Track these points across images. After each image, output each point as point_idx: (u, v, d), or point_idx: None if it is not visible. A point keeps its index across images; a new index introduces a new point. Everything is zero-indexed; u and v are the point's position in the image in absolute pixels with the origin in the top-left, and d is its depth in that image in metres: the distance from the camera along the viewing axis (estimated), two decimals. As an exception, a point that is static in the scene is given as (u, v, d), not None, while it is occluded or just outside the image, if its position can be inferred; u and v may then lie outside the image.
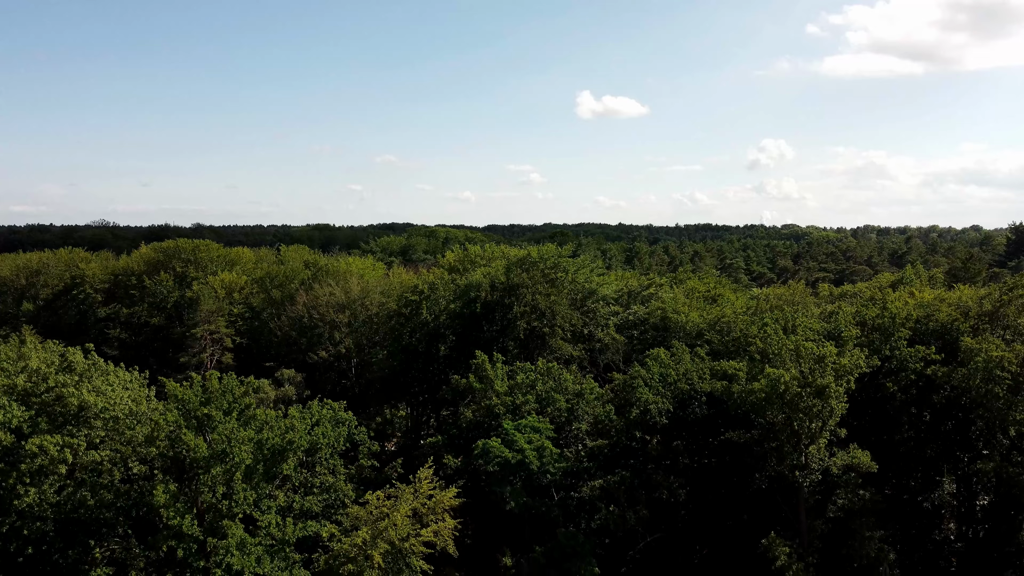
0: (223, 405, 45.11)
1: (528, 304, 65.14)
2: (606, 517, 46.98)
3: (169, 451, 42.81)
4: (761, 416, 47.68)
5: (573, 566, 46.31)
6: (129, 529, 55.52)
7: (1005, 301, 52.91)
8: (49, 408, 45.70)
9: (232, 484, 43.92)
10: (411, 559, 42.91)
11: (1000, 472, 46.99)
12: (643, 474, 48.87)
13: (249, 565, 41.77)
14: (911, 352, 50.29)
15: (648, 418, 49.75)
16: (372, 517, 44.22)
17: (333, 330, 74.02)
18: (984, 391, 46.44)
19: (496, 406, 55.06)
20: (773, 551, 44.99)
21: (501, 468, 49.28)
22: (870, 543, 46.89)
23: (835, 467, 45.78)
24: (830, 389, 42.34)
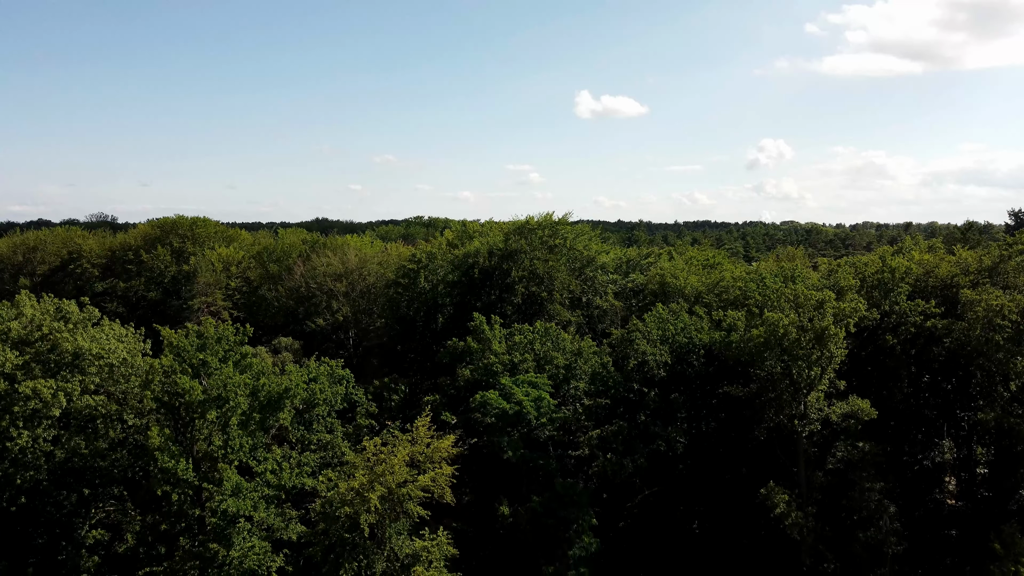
0: (219, 352, 44.84)
1: (526, 269, 64.86)
2: (604, 464, 46.65)
3: (164, 396, 42.45)
4: (760, 367, 47.45)
5: (571, 514, 46.02)
6: (125, 491, 55.29)
7: (1005, 256, 52.70)
8: (43, 357, 45.41)
9: (228, 430, 43.63)
10: (408, 504, 42.55)
11: (1001, 423, 46.69)
12: (641, 425, 48.55)
13: (245, 508, 41.41)
14: (911, 306, 50.06)
15: (646, 370, 49.45)
16: (369, 464, 43.87)
17: (330, 299, 73.75)
18: (984, 340, 46.19)
19: (494, 364, 54.75)
20: (772, 499, 44.75)
21: (499, 419, 49.03)
22: (870, 494, 46.64)
23: (835, 415, 45.51)
24: (829, 332, 42.07)
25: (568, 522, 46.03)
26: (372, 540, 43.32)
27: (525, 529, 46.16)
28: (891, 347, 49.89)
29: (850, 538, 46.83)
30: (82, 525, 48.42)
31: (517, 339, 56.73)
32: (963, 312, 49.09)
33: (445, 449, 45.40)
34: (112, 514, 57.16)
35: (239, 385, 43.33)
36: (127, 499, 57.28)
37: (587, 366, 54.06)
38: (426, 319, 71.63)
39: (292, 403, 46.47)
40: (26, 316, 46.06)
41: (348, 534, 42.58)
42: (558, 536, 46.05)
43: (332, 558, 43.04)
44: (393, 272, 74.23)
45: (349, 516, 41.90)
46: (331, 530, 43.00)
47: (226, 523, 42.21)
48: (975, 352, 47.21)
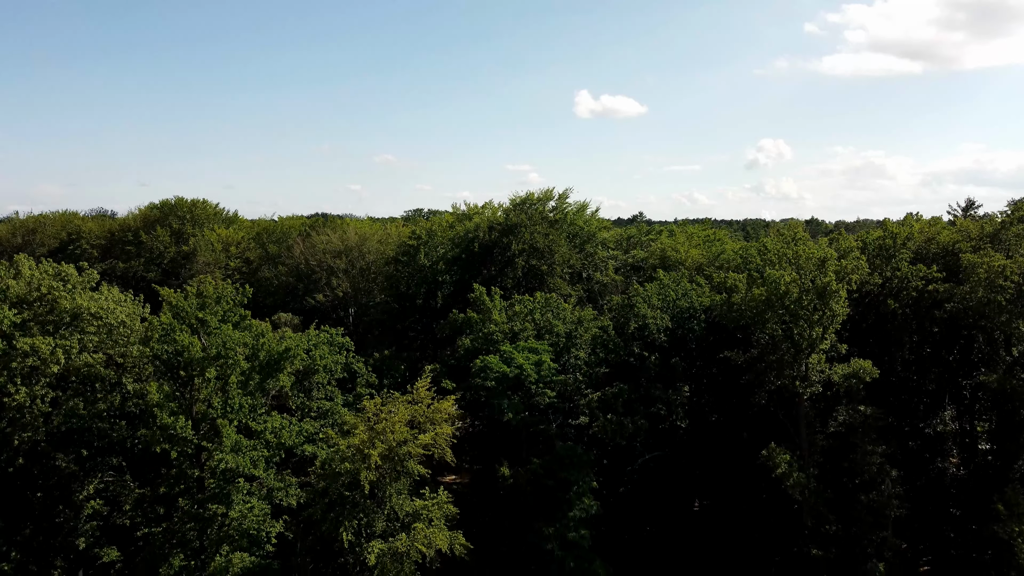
0: (218, 313, 44.62)
1: (527, 243, 64.69)
2: (604, 424, 46.42)
3: (163, 353, 42.17)
4: (761, 329, 47.29)
5: (571, 476, 45.80)
6: (123, 462, 55.01)
7: (1007, 223, 52.55)
8: (41, 318, 45.20)
9: (227, 389, 43.40)
10: (409, 463, 42.30)
11: (1003, 386, 46.48)
12: (641, 388, 48.35)
13: (244, 465, 41.15)
14: (913, 271, 49.90)
15: (646, 334, 49.27)
16: (369, 423, 43.61)
17: (330, 276, 73.50)
18: (986, 302, 46.00)
19: (494, 333, 54.57)
20: (774, 459, 44.58)
21: (499, 383, 48.82)
22: (871, 458, 46.42)
23: (836, 376, 45.32)
24: (831, 288, 41.89)
25: (568, 484, 45.81)
26: (372, 499, 43.09)
27: (525, 491, 45.94)
28: (893, 312, 49.72)
29: (852, 500, 46.63)
30: (80, 489, 48.20)
31: (517, 309, 56.56)
32: (965, 277, 48.94)
33: (445, 410, 45.21)
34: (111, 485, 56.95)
35: (239, 343, 43.12)
36: (125, 470, 57.05)
37: (588, 335, 53.91)
38: (426, 296, 71.45)
39: (292, 365, 46.19)
40: (24, 276, 45.85)
41: (348, 492, 42.37)
42: (558, 498, 45.82)
43: (332, 516, 42.81)
44: (393, 250, 74.04)
45: (349, 472, 41.66)
46: (331, 488, 42.77)
47: (225, 481, 41.97)
48: (977, 314, 47.01)
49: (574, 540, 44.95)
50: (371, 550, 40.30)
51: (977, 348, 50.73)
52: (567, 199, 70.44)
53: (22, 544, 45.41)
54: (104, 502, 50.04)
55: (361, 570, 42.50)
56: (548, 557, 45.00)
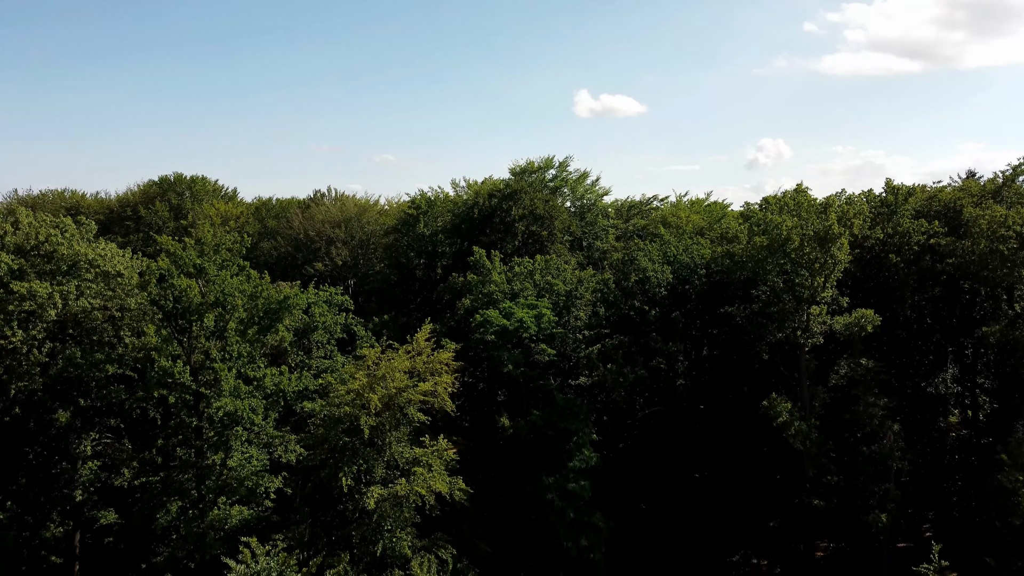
0: (217, 261, 44.34)
1: (527, 208, 64.44)
2: (604, 375, 46.18)
3: (160, 298, 41.83)
4: (763, 280, 47.11)
5: (571, 426, 45.57)
6: (121, 423, 54.71)
7: (1009, 179, 52.41)
8: (39, 267, 44.98)
9: (226, 336, 43.08)
10: (409, 410, 42.06)
11: (1006, 337, 46.25)
12: (641, 341, 48.13)
13: (243, 410, 40.83)
14: (915, 225, 49.71)
15: (647, 288, 49.05)
16: (369, 371, 43.35)
17: (329, 245, 73.34)
18: (989, 252, 45.80)
19: (494, 293, 54.28)
20: (775, 408, 44.37)
21: (499, 336, 48.58)
22: (873, 410, 46.18)
23: (838, 325, 45.10)
24: (833, 232, 41.69)
25: (568, 434, 45.58)
26: (371, 447, 42.86)
27: (525, 441, 45.69)
28: (894, 266, 49.50)
29: (853, 453, 46.44)
30: (78, 443, 47.88)
31: (517, 270, 56.23)
32: (967, 230, 48.78)
33: (446, 361, 44.97)
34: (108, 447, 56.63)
35: (237, 289, 42.86)
36: (124, 433, 56.75)
37: (589, 294, 53.59)
38: (426, 267, 71.20)
39: (291, 316, 45.89)
40: (24, 227, 45.62)
41: (347, 438, 42.16)
42: (558, 448, 45.60)
43: (331, 462, 42.59)
44: (393, 220, 73.84)
45: (348, 417, 41.45)
46: (330, 435, 42.58)
47: (224, 427, 41.64)
48: (980, 266, 46.75)
49: (574, 491, 44.69)
50: (370, 495, 40.07)
51: (979, 304, 50.49)
52: (567, 168, 70.31)
53: (17, 494, 45.12)
54: (101, 466, 49.80)
55: (360, 516, 42.27)
56: (548, 507, 44.77)
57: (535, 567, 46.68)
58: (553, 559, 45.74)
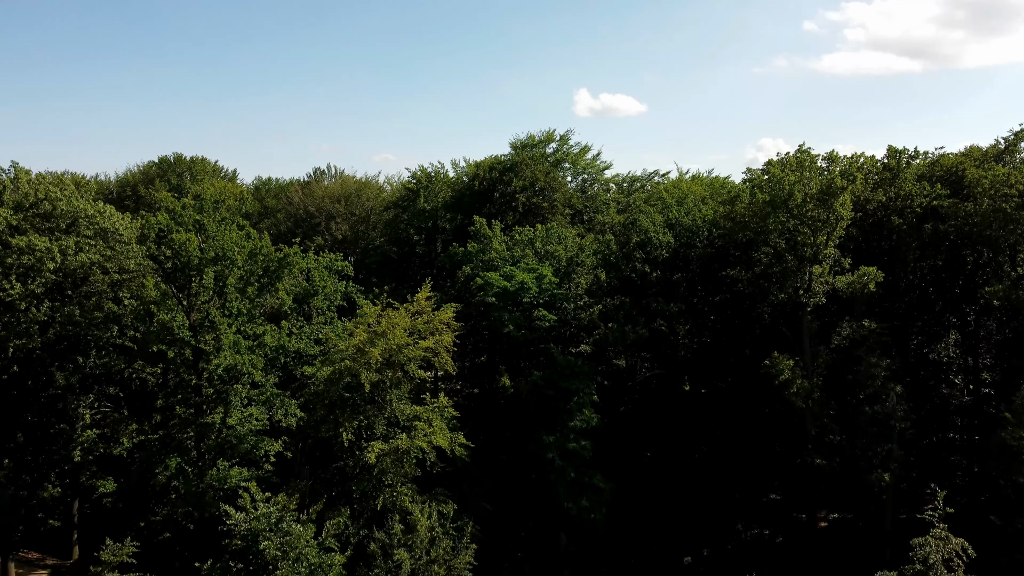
0: (216, 218, 44.11)
1: (528, 180, 64.25)
2: (605, 333, 45.97)
3: (159, 254, 41.58)
4: (764, 242, 46.93)
5: (572, 385, 45.37)
6: (120, 392, 54.49)
7: (1011, 143, 52.23)
8: (38, 226, 44.79)
9: (225, 292, 42.78)
10: (410, 366, 41.81)
11: (1008, 297, 46.04)
12: (642, 302, 47.94)
13: (243, 364, 40.57)
14: (917, 188, 49.54)
15: (648, 249, 48.85)
16: (370, 328, 43.09)
17: (329, 220, 73.14)
18: (992, 210, 45.62)
19: (495, 260, 54.09)
20: (777, 366, 44.14)
21: (500, 298, 48.39)
22: (876, 370, 45.92)
23: (841, 283, 44.89)
24: (836, 185, 41.47)
25: (569, 394, 45.37)
26: (372, 404, 42.65)
27: (526, 400, 45.47)
28: (897, 229, 49.30)
29: (856, 413, 46.23)
30: (76, 404, 47.66)
31: (518, 238, 56.05)
32: (969, 192, 48.60)
33: (447, 321, 44.69)
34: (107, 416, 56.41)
35: (237, 244, 42.60)
36: (122, 402, 56.54)
37: (590, 260, 53.33)
38: (426, 243, 71.04)
39: (291, 274, 45.63)
40: (23, 186, 45.45)
41: (348, 394, 41.96)
42: (559, 408, 45.40)
43: (332, 418, 42.39)
44: (393, 196, 73.68)
45: (349, 371, 41.22)
46: (331, 391, 42.36)
47: (223, 383, 41.34)
48: (983, 226, 46.50)
49: (574, 450, 44.51)
50: (371, 450, 39.81)
51: (982, 268, 50.20)
52: (568, 141, 70.08)
53: (14, 452, 44.88)
54: (100, 436, 49.56)
55: (361, 472, 42.04)
56: (548, 466, 44.57)
57: (536, 527, 46.45)
58: (554, 519, 45.53)
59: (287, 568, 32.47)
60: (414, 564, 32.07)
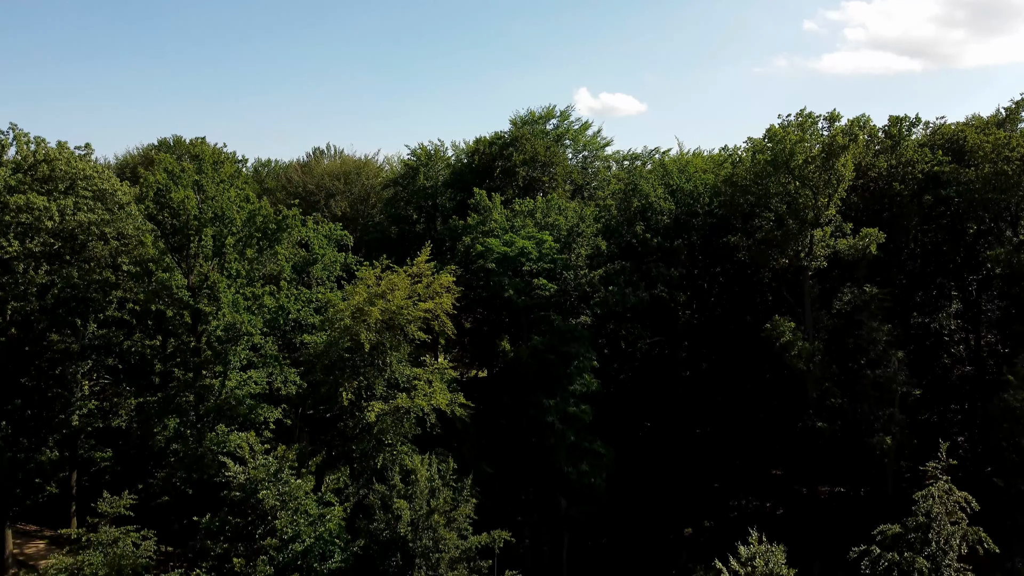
0: (215, 179, 43.92)
1: (528, 154, 64.07)
2: (605, 296, 45.77)
3: (158, 213, 41.37)
4: (765, 206, 46.78)
5: (572, 349, 45.19)
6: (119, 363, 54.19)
7: (1012, 111, 52.09)
8: (37, 188, 44.58)
9: (224, 253, 42.58)
10: (409, 328, 41.60)
11: (1010, 261, 45.86)
12: (643, 267, 47.75)
13: (242, 322, 40.35)
14: (919, 153, 49.38)
15: (649, 215, 48.66)
16: (369, 289, 42.88)
17: (329, 198, 72.97)
18: (993, 173, 45.47)
19: (495, 230, 53.89)
20: (778, 328, 43.96)
21: (500, 264, 48.23)
22: (878, 335, 45.70)
23: (842, 245, 44.71)
24: (838, 143, 41.30)
25: (569, 358, 45.18)
26: (372, 366, 42.46)
27: (526, 364, 45.26)
28: (898, 194, 49.10)
29: (858, 377, 46.04)
30: (75, 369, 47.38)
31: (517, 208, 55.84)
32: (971, 158, 48.43)
33: (446, 285, 44.46)
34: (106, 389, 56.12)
35: (235, 204, 42.43)
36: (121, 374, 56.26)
37: (591, 229, 53.09)
38: (426, 221, 70.82)
39: (290, 236, 45.43)
40: (21, 146, 45.26)
41: (348, 354, 41.78)
42: (559, 372, 45.21)
43: (331, 379, 42.22)
44: (393, 174, 73.51)
45: (348, 330, 41.04)
46: (331, 351, 42.18)
47: (222, 343, 41.11)
48: (985, 189, 46.31)
49: (574, 414, 44.32)
50: (371, 409, 39.64)
51: (984, 236, 49.91)
52: (568, 117, 69.92)
53: (12, 415, 44.64)
54: (99, 408, 49.28)
55: (360, 432, 41.85)
56: (548, 430, 44.39)
57: (536, 491, 46.25)
58: (553, 483, 45.32)
59: (286, 518, 32.29)
60: (414, 515, 31.82)
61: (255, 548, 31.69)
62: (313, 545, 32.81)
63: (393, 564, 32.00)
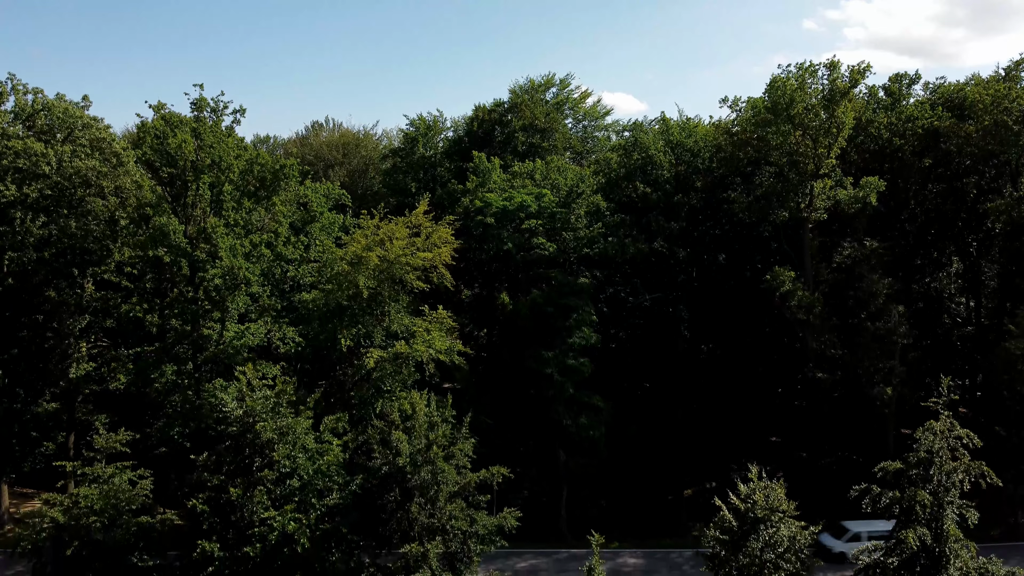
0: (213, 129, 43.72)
1: (528, 119, 63.91)
2: (605, 247, 45.58)
3: (156, 158, 41.15)
4: (766, 159, 46.65)
5: (571, 302, 45.00)
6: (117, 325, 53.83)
7: (1011, 70, 51.90)
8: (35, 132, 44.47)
9: (222, 199, 42.35)
10: (408, 277, 41.42)
11: (1010, 213, 45.72)
12: (642, 221, 47.59)
13: (240, 267, 40.13)
14: (919, 109, 49.27)
15: (650, 169, 48.51)
16: (368, 237, 42.70)
17: (328, 169, 72.76)
18: (994, 124, 45.33)
19: (493, 191, 53.71)
20: (778, 277, 43.82)
21: (499, 219, 48.06)
22: (878, 287, 45.54)
23: (844, 195, 44.57)
24: (838, 86, 41.14)
25: (569, 310, 45.00)
26: (370, 315, 42.28)
27: (525, 317, 45.06)
28: (899, 149, 48.96)
29: (858, 330, 45.84)
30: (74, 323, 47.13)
31: (517, 170, 55.66)
32: (971, 114, 48.30)
33: (445, 237, 44.29)
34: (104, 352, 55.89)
35: (233, 152, 42.23)
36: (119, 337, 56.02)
37: (590, 190, 52.91)
38: (426, 192, 70.56)
39: (288, 186, 45.26)
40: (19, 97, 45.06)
41: (347, 302, 41.60)
42: (558, 326, 45.03)
43: (330, 327, 42.03)
44: (392, 146, 73.33)
45: (346, 277, 40.86)
46: (329, 299, 42.02)
47: (219, 292, 40.87)
48: (985, 142, 46.13)
49: (573, 367, 44.12)
50: (370, 355, 39.45)
51: (984, 194, 49.75)
52: (568, 85, 69.76)
53: (8, 365, 44.38)
54: (96, 372, 49.03)
55: (359, 380, 41.67)
56: (547, 382, 44.17)
57: (535, 444, 46.07)
58: (552, 436, 45.14)
59: (284, 450, 32.06)
60: (412, 449, 31.59)
61: (252, 480, 31.44)
62: (312, 479, 32.59)
63: (391, 498, 31.75)
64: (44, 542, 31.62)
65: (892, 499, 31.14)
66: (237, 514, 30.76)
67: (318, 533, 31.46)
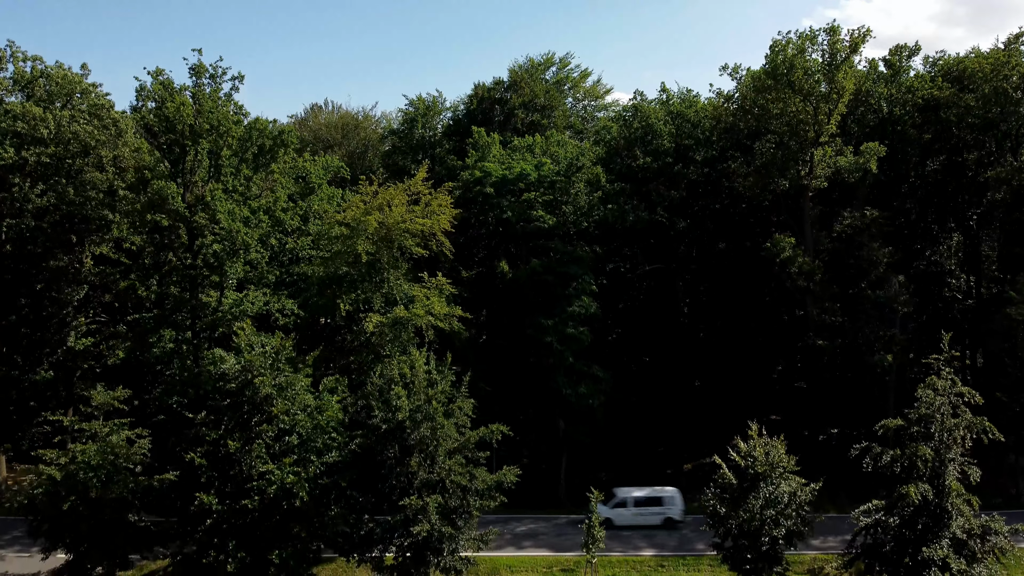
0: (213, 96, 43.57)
1: (527, 96, 63.82)
2: (605, 214, 45.45)
3: (155, 122, 41.00)
4: (766, 127, 46.56)
5: (571, 270, 44.88)
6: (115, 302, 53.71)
7: (1009, 43, 51.83)
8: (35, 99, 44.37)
9: (220, 164, 42.21)
10: (407, 242, 41.29)
11: (1010, 181, 45.63)
12: (643, 190, 47.48)
13: (238, 230, 39.99)
14: (919, 81, 49.19)
15: (650, 138, 48.40)
16: (366, 203, 42.55)
17: (327, 149, 72.52)
18: (993, 91, 45.26)
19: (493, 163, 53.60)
20: (778, 244, 43.74)
21: (498, 187, 47.94)
22: (878, 255, 45.42)
23: (844, 162, 44.46)
24: (839, 48, 41.02)
25: (568, 279, 44.89)
26: (369, 281, 42.13)
27: (524, 285, 44.93)
28: (898, 121, 48.89)
29: (858, 298, 45.75)
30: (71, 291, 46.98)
31: (516, 143, 55.51)
32: (970, 84, 48.21)
33: (444, 205, 44.11)
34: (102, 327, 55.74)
35: (231, 119, 42.08)
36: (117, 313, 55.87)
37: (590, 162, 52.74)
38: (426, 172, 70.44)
39: (287, 153, 45.13)
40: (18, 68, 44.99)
41: (346, 268, 41.48)
42: (557, 294, 44.91)
43: (328, 293, 41.91)
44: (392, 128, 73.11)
45: (344, 240, 40.73)
46: (328, 266, 41.90)
47: (217, 258, 40.69)
48: (985, 109, 46.03)
49: (572, 335, 43.97)
50: (369, 320, 39.31)
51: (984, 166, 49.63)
52: (568, 64, 69.60)
53: (6, 331, 44.26)
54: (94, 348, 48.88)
55: (358, 346, 41.51)
56: (547, 350, 44.04)
57: (535, 413, 45.92)
58: (552, 405, 44.99)
59: (282, 405, 31.89)
60: (412, 405, 31.43)
61: (251, 435, 31.28)
62: (311, 436, 32.44)
63: (391, 455, 31.59)
64: (40, 497, 31.34)
65: (893, 456, 31.05)
66: (235, 468, 30.58)
67: (316, 491, 31.28)
